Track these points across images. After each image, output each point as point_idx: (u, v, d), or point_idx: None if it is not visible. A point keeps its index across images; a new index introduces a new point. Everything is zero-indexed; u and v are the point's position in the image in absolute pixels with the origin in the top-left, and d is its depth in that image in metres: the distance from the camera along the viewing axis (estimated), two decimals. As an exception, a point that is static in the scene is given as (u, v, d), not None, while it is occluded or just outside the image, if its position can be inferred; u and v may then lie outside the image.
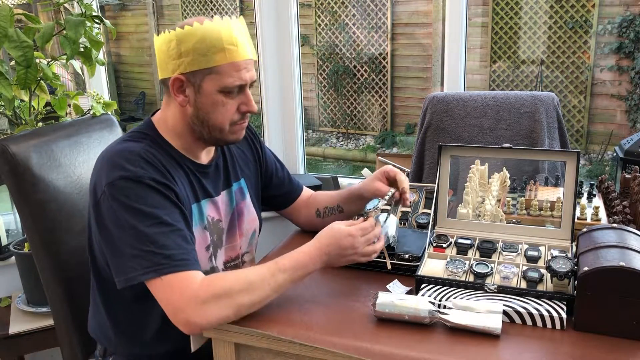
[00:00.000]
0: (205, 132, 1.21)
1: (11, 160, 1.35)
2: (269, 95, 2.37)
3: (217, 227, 1.31)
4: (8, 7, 1.59)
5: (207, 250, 1.27)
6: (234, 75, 1.16)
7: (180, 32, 1.14)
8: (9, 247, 1.94)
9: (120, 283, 1.10)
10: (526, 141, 1.82)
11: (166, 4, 7.02)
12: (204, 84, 1.16)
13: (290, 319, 1.11)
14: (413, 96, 5.83)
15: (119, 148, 1.17)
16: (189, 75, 1.16)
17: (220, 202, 1.31)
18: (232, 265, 1.36)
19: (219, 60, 1.14)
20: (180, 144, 1.24)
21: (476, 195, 1.43)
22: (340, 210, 1.48)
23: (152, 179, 1.12)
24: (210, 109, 1.18)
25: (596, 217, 1.38)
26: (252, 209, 1.41)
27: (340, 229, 1.15)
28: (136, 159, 1.13)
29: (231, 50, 1.15)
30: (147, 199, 1.10)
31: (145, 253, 1.07)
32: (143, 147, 1.16)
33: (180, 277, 1.07)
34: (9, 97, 1.64)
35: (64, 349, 1.47)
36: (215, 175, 1.32)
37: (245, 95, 1.21)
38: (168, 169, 1.17)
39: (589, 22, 4.78)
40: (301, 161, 2.48)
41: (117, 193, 1.10)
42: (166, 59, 1.17)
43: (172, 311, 1.07)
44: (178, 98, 1.18)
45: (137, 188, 1.10)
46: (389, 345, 1.01)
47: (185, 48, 1.14)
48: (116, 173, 1.11)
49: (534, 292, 1.09)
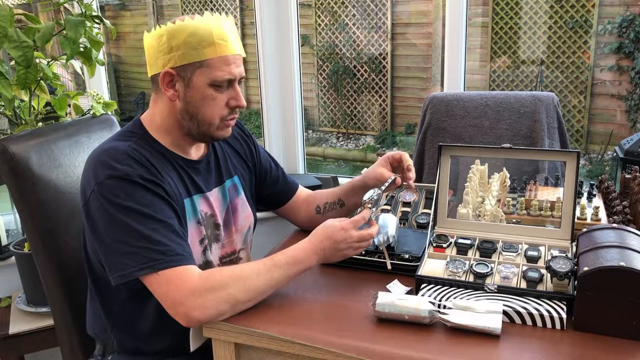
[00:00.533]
0: (194, 127, 1.22)
1: (11, 160, 1.35)
2: (269, 95, 2.37)
3: (211, 221, 1.31)
4: (8, 7, 1.59)
5: (201, 243, 1.27)
6: (224, 69, 1.18)
7: (171, 27, 1.16)
8: (9, 247, 1.94)
9: (116, 280, 1.11)
10: (526, 141, 1.82)
11: (166, 4, 7.02)
12: (194, 77, 1.17)
13: (291, 319, 1.11)
14: (413, 96, 5.83)
15: (106, 147, 1.18)
16: (179, 69, 1.17)
17: (213, 198, 1.32)
18: (228, 261, 1.36)
19: (209, 53, 1.16)
20: (169, 140, 1.25)
21: (476, 195, 1.43)
22: (341, 204, 1.48)
23: (140, 176, 1.13)
24: (199, 103, 1.19)
25: (596, 217, 1.38)
26: (246, 205, 1.41)
27: (333, 224, 1.17)
28: (123, 158, 1.14)
29: (221, 44, 1.17)
30: (137, 197, 1.11)
31: (139, 249, 1.08)
32: (130, 146, 1.17)
33: (177, 271, 1.08)
34: (9, 97, 1.64)
35: (64, 349, 1.47)
36: (206, 171, 1.32)
37: (235, 90, 1.22)
38: (155, 166, 1.18)
39: (589, 22, 4.78)
40: (301, 161, 2.48)
41: (107, 192, 1.11)
42: (156, 55, 1.18)
43: (170, 305, 1.08)
44: (168, 92, 1.19)
45: (125, 186, 1.11)
46: (389, 345, 1.01)
47: (176, 42, 1.15)
48: (104, 172, 1.12)
49: (534, 292, 1.09)
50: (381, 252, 1.29)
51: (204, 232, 1.28)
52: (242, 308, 1.11)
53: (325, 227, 1.18)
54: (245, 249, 1.43)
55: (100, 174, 1.12)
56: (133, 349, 1.29)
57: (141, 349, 1.28)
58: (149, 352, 1.28)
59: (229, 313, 1.09)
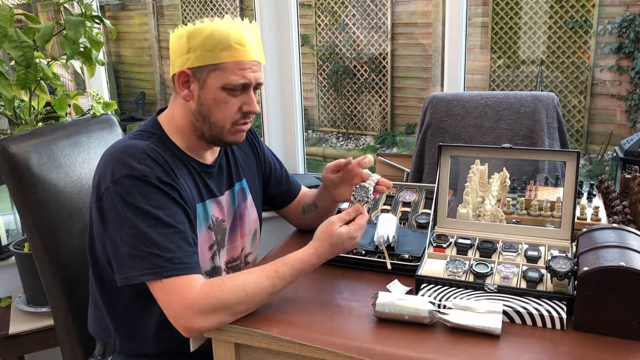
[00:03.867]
0: (206, 129, 1.22)
1: (11, 160, 1.35)
2: (269, 95, 2.37)
3: (221, 227, 1.31)
4: (8, 7, 1.59)
5: (210, 249, 1.27)
6: (238, 74, 1.17)
7: (191, 27, 1.17)
8: (9, 247, 1.94)
9: (121, 281, 1.11)
10: (526, 141, 1.82)
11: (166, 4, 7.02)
12: (208, 79, 1.17)
13: (291, 319, 1.11)
14: (413, 96, 5.83)
15: (126, 145, 1.17)
16: (195, 70, 1.17)
17: (224, 202, 1.32)
18: (233, 266, 1.36)
19: (225, 57, 1.16)
20: (185, 143, 1.25)
21: (476, 195, 1.43)
22: (315, 206, 1.49)
23: (157, 178, 1.12)
24: (212, 106, 1.19)
25: (596, 217, 1.38)
26: (253, 209, 1.41)
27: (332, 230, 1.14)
28: (143, 157, 1.13)
29: (238, 49, 1.16)
30: (151, 199, 1.11)
31: (146, 254, 1.08)
32: (149, 145, 1.17)
33: (180, 281, 1.08)
34: (9, 97, 1.64)
35: (64, 349, 1.47)
36: (218, 175, 1.32)
37: (249, 96, 1.21)
38: (173, 168, 1.18)
39: (589, 22, 4.78)
40: (301, 161, 2.48)
41: (122, 191, 1.10)
42: (176, 54, 1.19)
43: (171, 316, 1.09)
44: (182, 92, 1.20)
45: (142, 187, 1.11)
46: (389, 345, 1.01)
47: (194, 43, 1.16)
48: (122, 170, 1.11)
49: (534, 292, 1.09)
50: (381, 252, 1.29)
51: (214, 237, 1.28)
52: (242, 316, 1.11)
53: (325, 235, 1.15)
54: (253, 253, 1.43)
55: (118, 171, 1.11)
56: (135, 350, 1.29)
57: (143, 350, 1.28)
58: (150, 353, 1.28)
59: (228, 322, 1.10)
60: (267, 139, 2.41)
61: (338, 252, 1.16)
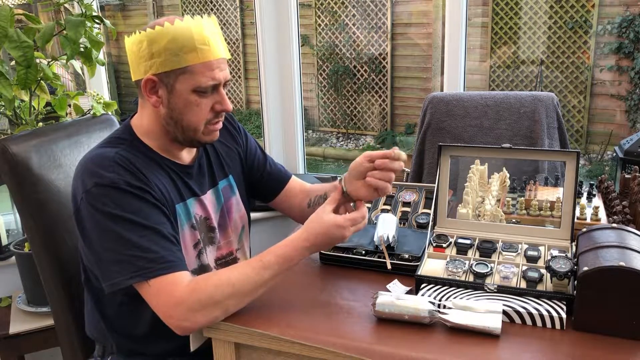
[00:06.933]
0: (179, 132, 1.20)
1: (11, 160, 1.35)
2: (269, 95, 2.37)
3: (206, 224, 1.30)
4: (8, 7, 1.59)
5: (195, 247, 1.26)
6: (207, 75, 1.15)
7: (150, 32, 1.13)
8: (9, 247, 1.94)
9: (108, 288, 1.11)
10: (526, 141, 1.82)
11: (166, 4, 7.02)
12: (176, 84, 1.15)
13: (291, 319, 1.11)
14: (413, 96, 5.83)
15: (93, 155, 1.17)
16: (162, 75, 1.14)
17: (207, 201, 1.31)
18: (224, 262, 1.35)
19: (192, 60, 1.13)
20: (158, 145, 1.23)
21: (476, 195, 1.43)
22: (325, 200, 1.46)
23: (127, 183, 1.11)
24: (183, 110, 1.17)
25: (596, 217, 1.38)
26: (241, 205, 1.40)
27: (329, 220, 1.14)
28: (110, 165, 1.13)
29: (203, 49, 1.14)
30: (125, 204, 1.10)
31: (129, 257, 1.08)
32: (117, 152, 1.16)
33: (167, 280, 1.08)
34: (9, 97, 1.64)
35: (64, 349, 1.47)
36: (199, 175, 1.31)
37: (220, 94, 1.19)
38: (143, 171, 1.16)
39: (588, 22, 4.78)
40: (301, 161, 2.48)
41: (94, 200, 1.10)
42: (137, 60, 1.16)
43: (162, 316, 1.09)
44: (151, 99, 1.18)
45: (113, 194, 1.10)
46: (389, 345, 1.01)
47: (157, 48, 1.12)
48: (92, 180, 1.11)
49: (533, 292, 1.10)
50: (381, 252, 1.29)
51: (198, 236, 1.27)
52: (235, 310, 1.11)
53: (321, 222, 1.14)
54: (242, 249, 1.42)
55: (88, 181, 1.11)
56: (132, 351, 1.29)
57: (140, 351, 1.28)
58: (148, 353, 1.28)
59: (221, 318, 1.10)
60: (267, 139, 2.41)
61: (327, 241, 1.14)
